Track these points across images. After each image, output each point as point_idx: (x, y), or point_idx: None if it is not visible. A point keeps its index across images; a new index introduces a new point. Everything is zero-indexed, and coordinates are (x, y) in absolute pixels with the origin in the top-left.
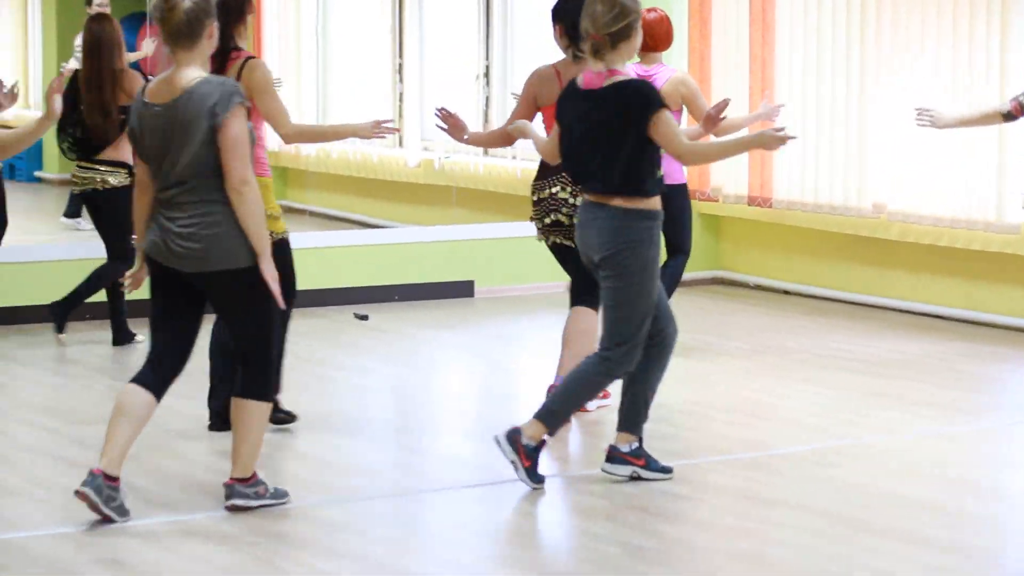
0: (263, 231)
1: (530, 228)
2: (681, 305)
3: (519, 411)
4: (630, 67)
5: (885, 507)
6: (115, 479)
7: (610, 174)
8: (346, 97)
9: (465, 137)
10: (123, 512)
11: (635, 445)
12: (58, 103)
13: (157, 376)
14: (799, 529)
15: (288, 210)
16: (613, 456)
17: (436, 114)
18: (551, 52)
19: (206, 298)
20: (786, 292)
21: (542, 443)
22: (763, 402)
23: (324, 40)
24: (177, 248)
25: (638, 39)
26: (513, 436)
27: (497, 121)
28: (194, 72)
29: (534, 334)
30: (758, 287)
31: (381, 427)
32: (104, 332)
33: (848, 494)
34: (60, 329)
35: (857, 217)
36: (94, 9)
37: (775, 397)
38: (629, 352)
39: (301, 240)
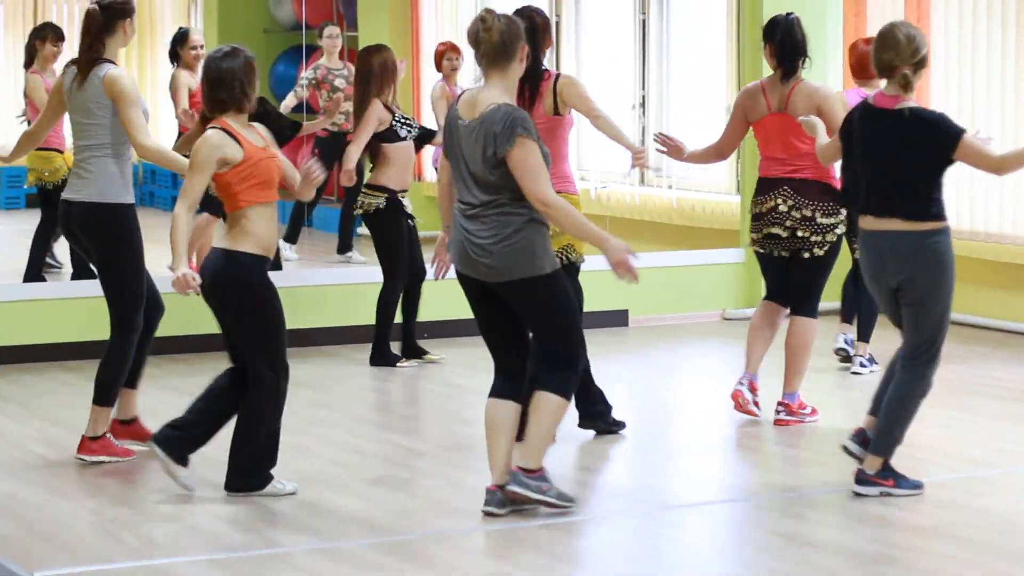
0: (588, 231)
1: (684, 257)
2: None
3: (673, 441)
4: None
5: None
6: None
7: (911, 195)
8: None
9: (685, 155)
10: (564, 497)
11: (882, 467)
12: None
13: (510, 384)
14: (956, 561)
15: None
16: (862, 479)
17: (655, 139)
18: (707, 81)
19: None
20: None
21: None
22: (915, 431)
23: None
24: (475, 258)
25: None
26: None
27: (654, 150)
28: (495, 95)
29: (689, 363)
30: None
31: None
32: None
33: (1001, 524)
34: (397, 360)
35: (1013, 245)
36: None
37: (926, 425)
38: (936, 356)
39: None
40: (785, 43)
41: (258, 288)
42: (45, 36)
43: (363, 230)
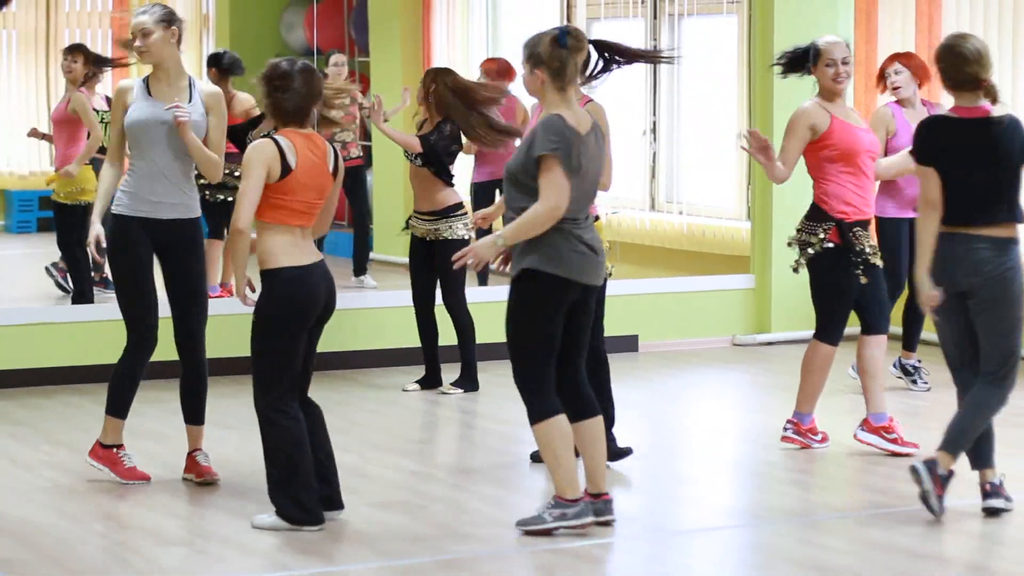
0: None
1: (694, 283)
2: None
3: (682, 466)
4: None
5: None
6: (599, 495)
7: (1006, 201)
8: None
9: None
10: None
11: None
12: None
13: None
14: None
15: None
16: (989, 492)
17: (745, 135)
18: (718, 107)
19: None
20: None
21: (951, 473)
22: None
23: None
24: (600, 266)
25: None
26: (930, 465)
27: (665, 176)
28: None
29: (699, 389)
30: None
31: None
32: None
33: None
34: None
35: None
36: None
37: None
38: (1015, 368)
39: (481, 294)
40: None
41: None
42: (85, 56)
43: (377, 254)
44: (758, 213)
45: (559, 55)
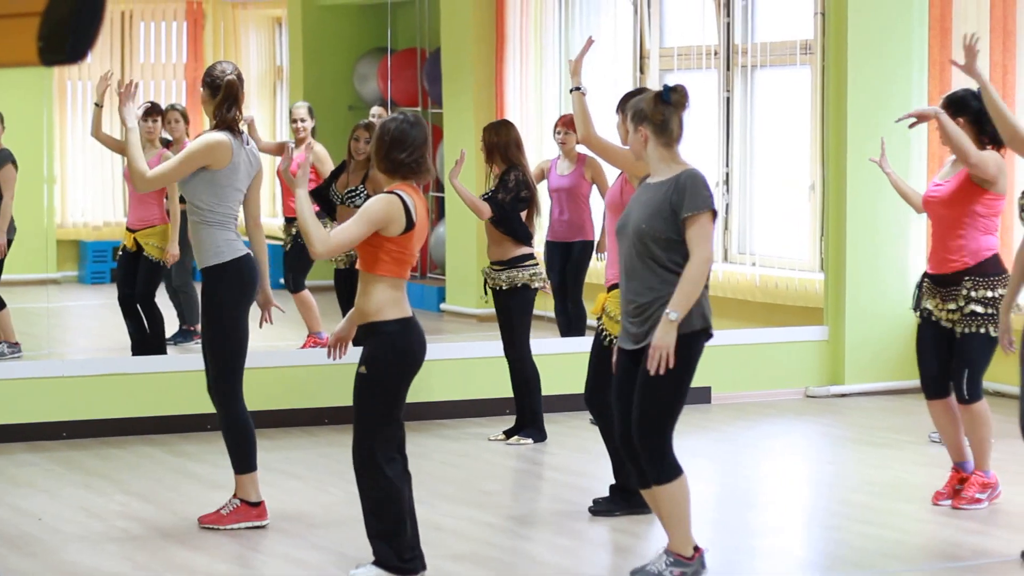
0: None
1: (767, 334)
2: None
3: (756, 518)
4: None
5: None
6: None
7: None
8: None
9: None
10: None
11: None
12: None
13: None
14: None
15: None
16: None
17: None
18: (791, 158)
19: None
20: None
21: None
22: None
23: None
24: None
25: None
26: None
27: (737, 227)
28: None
29: (771, 441)
30: None
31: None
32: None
33: None
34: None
35: None
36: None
37: None
38: None
39: (541, 346)
40: (980, 117)
41: None
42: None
43: (450, 305)
44: (831, 264)
45: (662, 110)
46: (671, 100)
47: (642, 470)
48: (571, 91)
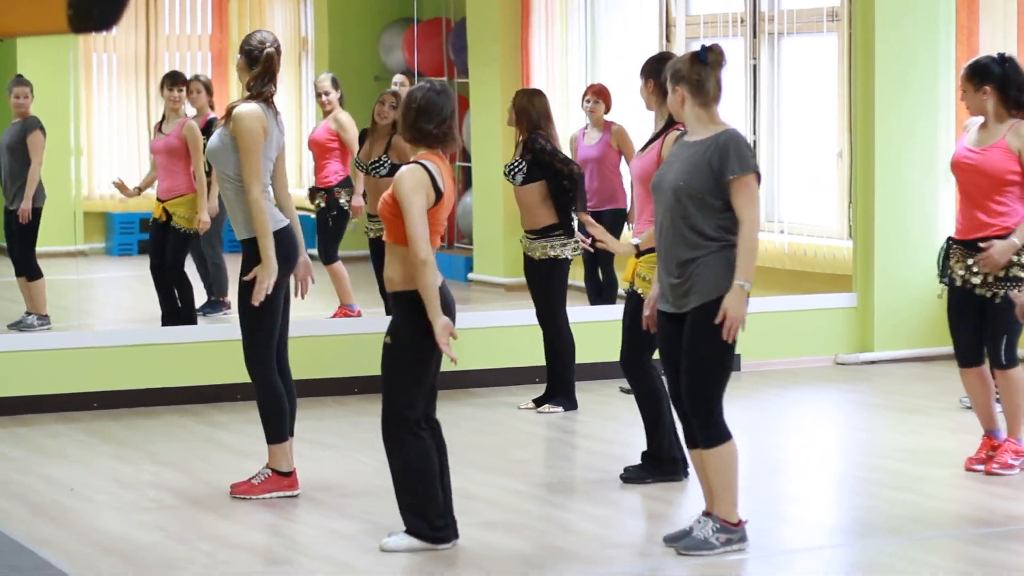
0: None
1: (796, 302)
2: None
3: (786, 485)
4: None
5: None
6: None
7: None
8: None
9: None
10: None
11: None
12: None
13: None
14: None
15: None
16: None
17: None
18: (818, 126)
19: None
20: None
21: None
22: None
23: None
24: None
25: None
26: None
27: (765, 195)
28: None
29: (802, 408)
30: None
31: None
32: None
33: None
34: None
35: None
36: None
37: None
38: None
39: (572, 315)
40: (1006, 85)
41: None
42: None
43: (477, 275)
44: (860, 231)
45: (698, 70)
46: (707, 60)
47: (692, 429)
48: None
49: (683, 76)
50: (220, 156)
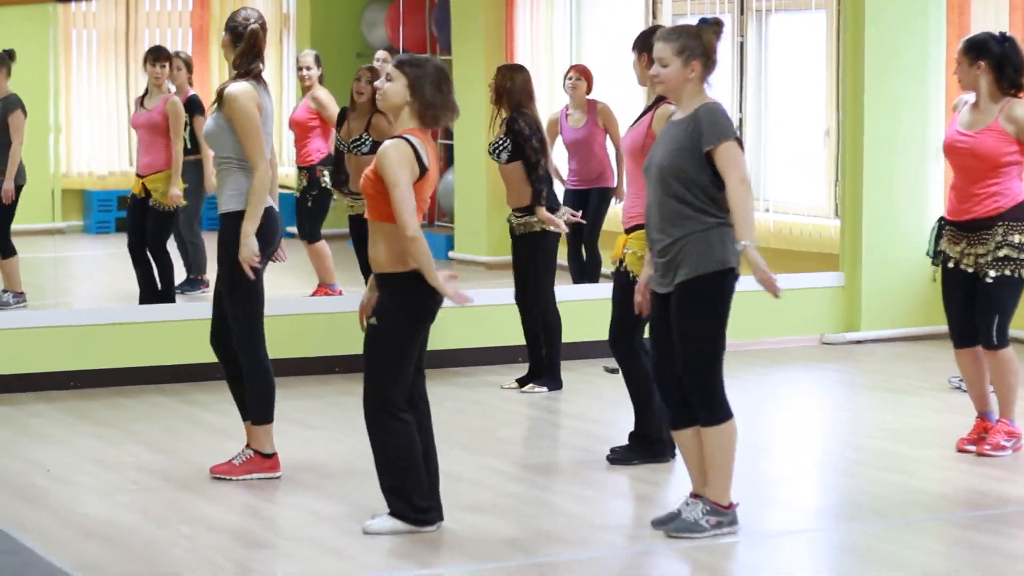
0: None
1: (782, 281)
2: None
3: (772, 467)
4: None
5: None
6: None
7: None
8: None
9: None
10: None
11: None
12: None
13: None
14: None
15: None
16: None
17: None
18: (806, 104)
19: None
20: None
21: None
22: None
23: None
24: None
25: None
26: None
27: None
28: None
29: (786, 388)
30: None
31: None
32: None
33: None
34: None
35: None
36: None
37: None
38: None
39: (566, 293)
40: (1002, 63)
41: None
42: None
43: (459, 253)
44: (848, 210)
45: (715, 44)
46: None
47: (676, 411)
48: None
49: (703, 51)
50: (218, 138)
